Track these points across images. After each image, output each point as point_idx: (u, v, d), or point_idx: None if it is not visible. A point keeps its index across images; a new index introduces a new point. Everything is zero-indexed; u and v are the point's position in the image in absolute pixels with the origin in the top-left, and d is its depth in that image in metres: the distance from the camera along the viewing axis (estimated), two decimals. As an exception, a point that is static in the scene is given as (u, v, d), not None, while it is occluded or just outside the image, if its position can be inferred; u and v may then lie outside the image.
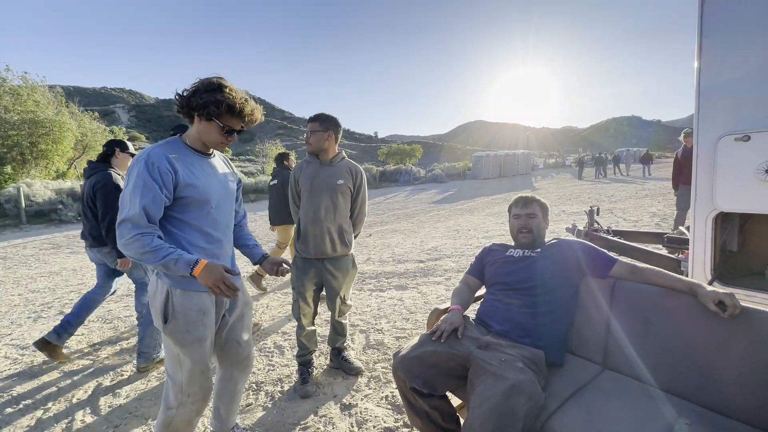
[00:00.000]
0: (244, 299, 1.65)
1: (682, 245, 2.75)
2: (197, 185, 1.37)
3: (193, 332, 1.39)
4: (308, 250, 2.24)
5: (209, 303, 1.45)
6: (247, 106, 1.40)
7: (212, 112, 1.34)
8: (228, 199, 1.54)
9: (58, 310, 3.95)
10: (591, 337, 1.65)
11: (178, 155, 1.36)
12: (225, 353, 1.64)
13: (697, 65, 1.72)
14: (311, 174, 2.24)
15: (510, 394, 1.21)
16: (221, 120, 1.37)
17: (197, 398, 1.46)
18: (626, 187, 13.37)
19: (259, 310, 3.74)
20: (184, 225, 1.40)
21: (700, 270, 1.80)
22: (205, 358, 1.45)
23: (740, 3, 1.59)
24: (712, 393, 1.29)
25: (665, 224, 6.72)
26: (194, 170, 1.39)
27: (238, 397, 1.78)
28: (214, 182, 1.45)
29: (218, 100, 1.33)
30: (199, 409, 1.49)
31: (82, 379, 2.54)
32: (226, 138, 1.42)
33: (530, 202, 1.84)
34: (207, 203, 1.41)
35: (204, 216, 1.42)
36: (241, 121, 1.41)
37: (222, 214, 1.50)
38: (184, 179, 1.34)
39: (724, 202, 1.66)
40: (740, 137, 1.58)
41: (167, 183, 1.30)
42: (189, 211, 1.39)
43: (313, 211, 2.22)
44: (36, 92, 15.67)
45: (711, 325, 1.32)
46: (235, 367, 1.68)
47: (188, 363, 1.41)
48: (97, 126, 18.83)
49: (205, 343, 1.43)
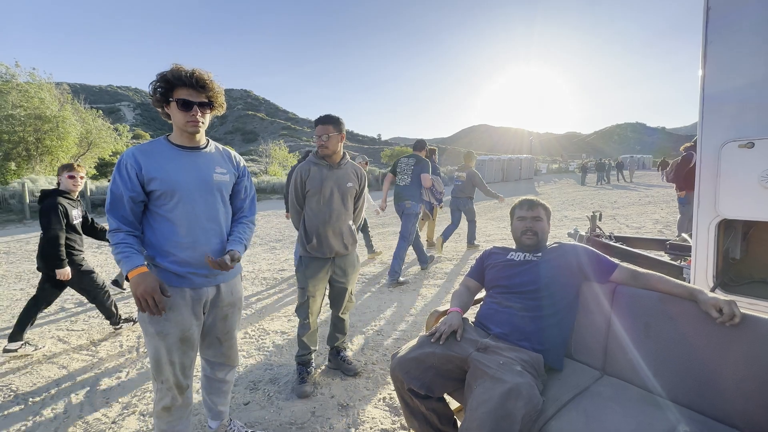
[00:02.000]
0: (229, 300, 1.63)
1: (684, 252, 2.73)
2: (162, 177, 1.42)
3: (154, 325, 1.43)
4: (322, 250, 2.25)
5: (178, 299, 1.46)
6: (183, 70, 1.39)
7: (161, 89, 1.40)
8: (209, 192, 1.51)
9: (59, 305, 3.96)
10: (591, 342, 1.64)
11: (152, 151, 1.44)
12: (206, 349, 1.68)
13: (701, 73, 1.71)
14: (321, 177, 2.23)
15: (508, 397, 1.20)
16: (173, 95, 1.40)
17: (169, 386, 1.49)
18: (629, 193, 13.32)
19: (258, 309, 3.74)
20: (162, 218, 1.46)
21: (703, 277, 1.79)
22: (169, 352, 1.46)
23: (745, 11, 1.58)
24: (712, 400, 1.28)
25: (668, 231, 6.68)
26: (163, 164, 1.44)
27: (226, 391, 1.80)
28: (185, 175, 1.46)
29: (158, 77, 1.39)
30: (175, 398, 1.50)
31: (81, 374, 2.55)
32: (185, 113, 1.42)
33: (535, 205, 1.84)
34: (174, 194, 1.44)
35: (175, 208, 1.45)
36: (188, 88, 1.40)
37: (198, 207, 1.48)
38: (148, 173, 1.40)
39: (728, 209, 1.65)
40: (744, 144, 1.58)
41: (132, 177, 1.39)
42: (162, 204, 1.44)
43: (327, 213, 2.23)
44: (43, 89, 15.82)
45: (712, 332, 1.31)
46: (216, 364, 1.72)
47: (151, 351, 1.47)
48: (102, 123, 18.98)
49: (167, 338, 1.45)
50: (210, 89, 1.44)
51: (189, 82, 1.39)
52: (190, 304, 1.49)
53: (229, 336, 1.70)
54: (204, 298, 1.54)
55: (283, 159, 34.31)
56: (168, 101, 1.42)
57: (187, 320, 1.48)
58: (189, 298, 1.49)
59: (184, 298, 1.47)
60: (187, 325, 1.48)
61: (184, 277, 1.46)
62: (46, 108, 15.33)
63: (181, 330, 1.47)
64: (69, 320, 3.55)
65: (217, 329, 1.64)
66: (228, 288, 1.62)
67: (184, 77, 1.38)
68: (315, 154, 2.31)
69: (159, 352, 1.46)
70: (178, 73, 1.38)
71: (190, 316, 1.49)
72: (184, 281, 1.47)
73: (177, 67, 1.40)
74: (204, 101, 1.44)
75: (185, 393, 1.54)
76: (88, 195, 12.95)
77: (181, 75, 1.38)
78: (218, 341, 1.66)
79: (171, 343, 1.46)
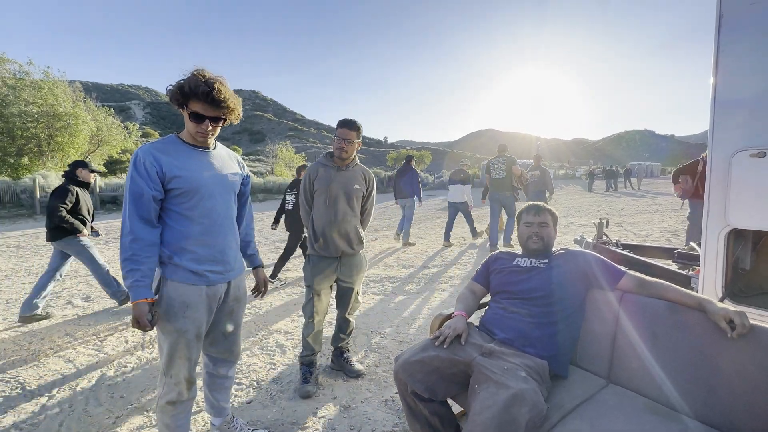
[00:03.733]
0: (236, 295, 1.66)
1: (693, 261, 2.70)
2: (184, 176, 1.42)
3: (173, 322, 1.44)
4: (328, 249, 2.28)
5: (196, 297, 1.47)
6: (201, 83, 1.34)
7: (176, 98, 1.38)
8: (226, 191, 1.56)
9: (67, 300, 4.02)
10: (596, 350, 1.63)
11: (167, 149, 1.43)
12: (209, 345, 1.69)
13: (713, 80, 1.70)
14: (328, 178, 2.26)
15: (512, 403, 1.20)
16: (188, 106, 1.39)
17: (178, 381, 1.50)
18: (637, 201, 13.20)
19: (263, 308, 3.76)
20: (180, 217, 1.45)
21: (711, 287, 1.77)
22: (186, 348, 1.47)
23: (758, 19, 1.57)
24: (719, 411, 1.26)
25: (676, 240, 6.61)
26: (183, 162, 1.43)
27: (228, 387, 1.81)
28: (205, 173, 1.48)
29: (176, 84, 1.37)
30: (181, 393, 1.51)
31: (87, 369, 2.57)
32: (196, 125, 1.41)
33: (542, 211, 1.84)
34: (197, 193, 1.44)
35: (196, 206, 1.45)
36: (203, 104, 1.37)
37: (218, 205, 1.52)
38: (170, 171, 1.39)
39: (738, 218, 1.63)
40: (756, 153, 1.56)
41: (152, 176, 1.37)
42: (182, 202, 1.44)
43: (333, 214, 2.25)
44: (56, 86, 16.09)
45: (720, 342, 1.29)
46: (219, 360, 1.73)
47: (166, 348, 1.47)
48: (112, 121, 19.24)
49: (186, 335, 1.46)
50: (226, 105, 1.41)
51: (205, 99, 1.36)
52: (206, 302, 1.51)
53: (234, 331, 1.72)
54: (219, 294, 1.57)
55: (289, 160, 34.52)
56: (183, 107, 1.41)
57: (203, 317, 1.51)
58: (205, 295, 1.50)
59: (200, 296, 1.49)
60: (201, 321, 1.51)
61: (201, 275, 1.48)
62: (59, 105, 15.58)
63: (197, 327, 1.49)
64: (76, 315, 3.59)
65: (223, 324, 1.65)
66: (236, 283, 1.66)
67: (200, 93, 1.34)
68: (326, 155, 2.33)
69: (175, 347, 1.46)
70: (196, 88, 1.34)
71: (204, 313, 1.51)
72: (201, 279, 1.48)
73: (196, 78, 1.36)
74: (218, 116, 1.43)
75: (192, 387, 1.55)
76: (97, 192, 13.12)
77: (198, 90, 1.34)
78: (223, 336, 1.68)
79: (189, 339, 1.48)
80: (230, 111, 1.45)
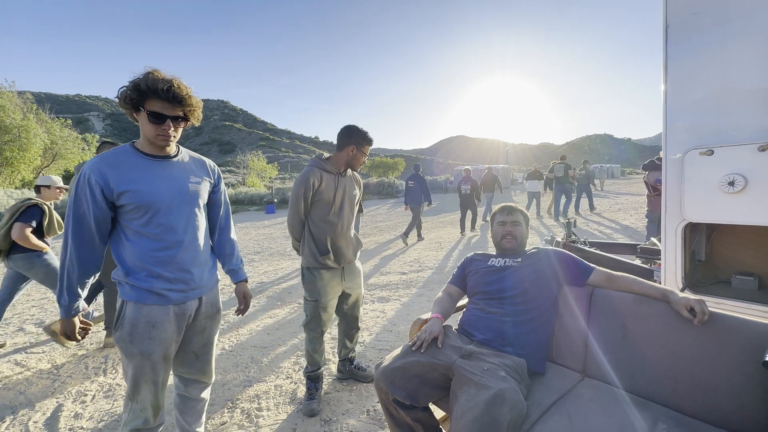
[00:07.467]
0: (208, 312, 1.55)
1: (654, 256, 2.85)
2: (135, 190, 1.31)
3: (137, 344, 1.35)
4: (337, 260, 2.20)
5: (162, 316, 1.38)
6: (159, 81, 1.27)
7: (131, 98, 1.27)
8: (187, 203, 1.44)
9: (17, 326, 3.69)
10: (570, 346, 1.67)
11: (118, 162, 1.32)
12: (179, 366, 1.58)
13: (663, 87, 1.82)
14: (334, 186, 2.15)
15: (493, 403, 1.20)
16: (145, 106, 1.29)
17: (143, 407, 1.41)
18: (600, 201, 13.85)
19: (235, 323, 3.61)
20: (135, 234, 1.35)
21: (672, 279, 1.87)
22: (152, 372, 1.39)
23: (701, 29, 1.70)
24: (686, 397, 1.32)
25: (638, 237, 6.97)
26: (136, 175, 1.33)
27: (200, 411, 1.71)
28: (161, 185, 1.36)
29: (131, 83, 1.27)
30: (147, 420, 1.41)
31: (41, 399, 2.36)
32: (156, 126, 1.31)
33: (514, 211, 1.89)
34: (150, 207, 1.33)
35: (150, 222, 1.34)
36: (162, 101, 1.28)
37: (177, 219, 1.40)
38: (118, 187, 1.29)
39: (692, 212, 1.74)
40: (704, 152, 1.68)
41: (96, 195, 1.29)
42: (134, 218, 1.34)
43: (340, 223, 2.18)
44: (3, 97, 15.03)
45: (684, 330, 1.36)
46: (190, 381, 1.63)
47: (131, 372, 1.39)
48: (69, 133, 18.16)
49: (151, 357, 1.37)
50: (187, 104, 1.33)
51: (165, 96, 1.27)
52: (174, 321, 1.41)
53: (207, 350, 1.61)
54: (188, 312, 1.47)
55: (261, 170, 33.77)
56: (138, 109, 1.30)
57: (171, 337, 1.41)
58: (173, 314, 1.41)
59: (167, 315, 1.39)
60: (169, 342, 1.41)
61: (160, 294, 1.37)
62: (6, 117, 14.54)
63: (164, 348, 1.40)
64: (28, 342, 3.31)
65: (194, 343, 1.56)
66: (209, 299, 1.55)
67: (160, 90, 1.25)
68: (324, 160, 2.20)
69: (140, 371, 1.37)
70: (154, 85, 1.25)
71: (173, 333, 1.42)
72: (160, 299, 1.38)
73: (153, 77, 1.28)
74: (179, 115, 1.34)
75: (159, 414, 1.45)
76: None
77: (157, 87, 1.25)
78: (194, 356, 1.58)
79: (155, 362, 1.38)
80: (192, 109, 1.36)
